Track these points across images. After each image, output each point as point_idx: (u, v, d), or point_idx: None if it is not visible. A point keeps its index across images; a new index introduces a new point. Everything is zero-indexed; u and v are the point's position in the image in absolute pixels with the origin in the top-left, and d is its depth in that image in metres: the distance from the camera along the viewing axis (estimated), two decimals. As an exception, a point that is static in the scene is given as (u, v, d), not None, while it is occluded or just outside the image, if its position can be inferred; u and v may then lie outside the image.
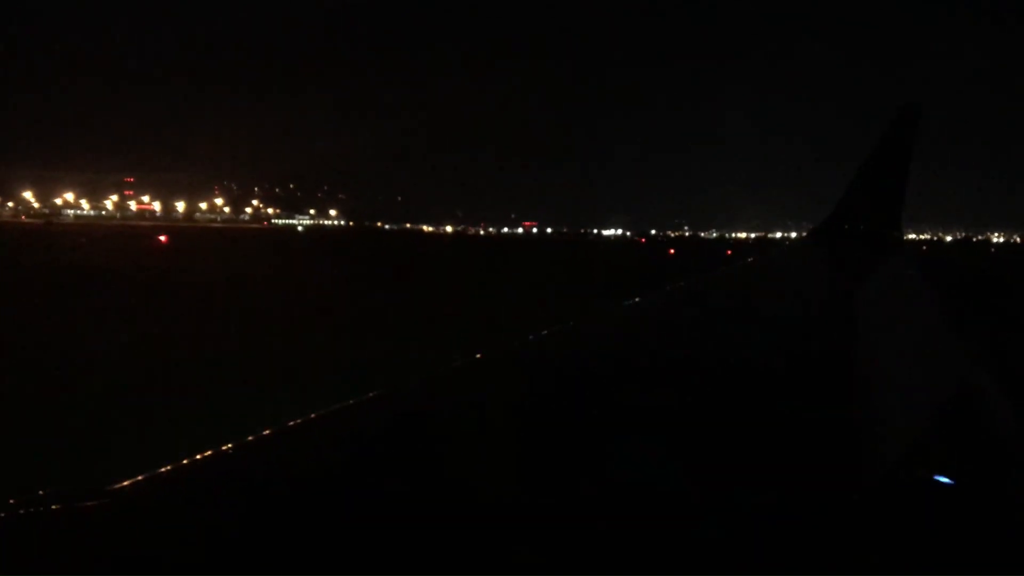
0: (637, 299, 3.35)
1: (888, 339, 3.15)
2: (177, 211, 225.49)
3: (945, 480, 1.50)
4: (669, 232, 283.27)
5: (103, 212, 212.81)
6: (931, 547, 1.21)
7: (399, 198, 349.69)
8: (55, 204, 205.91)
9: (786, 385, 2.12)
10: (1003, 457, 1.84)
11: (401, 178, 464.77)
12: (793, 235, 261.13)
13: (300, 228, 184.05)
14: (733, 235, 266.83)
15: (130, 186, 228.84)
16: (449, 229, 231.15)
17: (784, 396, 1.99)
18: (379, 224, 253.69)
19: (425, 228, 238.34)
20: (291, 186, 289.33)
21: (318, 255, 53.46)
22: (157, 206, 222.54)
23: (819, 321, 3.28)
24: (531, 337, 2.48)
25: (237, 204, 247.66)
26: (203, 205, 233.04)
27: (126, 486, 1.19)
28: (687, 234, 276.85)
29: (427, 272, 37.67)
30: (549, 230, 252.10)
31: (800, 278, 5.08)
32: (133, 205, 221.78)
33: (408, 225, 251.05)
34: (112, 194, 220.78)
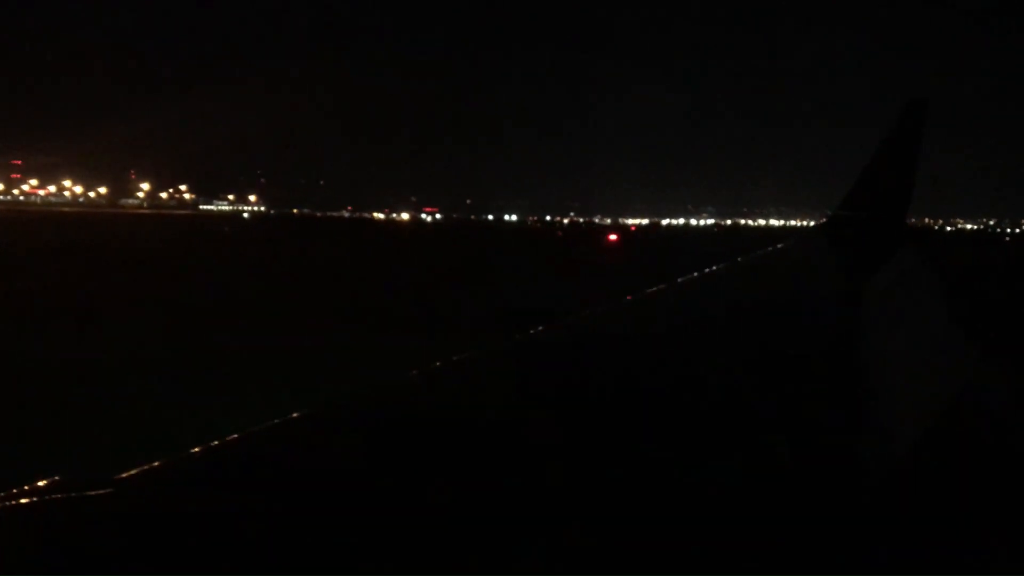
0: (644, 292, 3.41)
1: (895, 335, 3.20)
2: (85, 196, 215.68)
3: (949, 474, 1.50)
4: (561, 218, 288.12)
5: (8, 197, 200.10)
6: (932, 544, 1.20)
7: (321, 182, 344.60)
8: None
9: (794, 380, 2.09)
10: (1009, 452, 1.81)
11: (310, 163, 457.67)
12: (680, 221, 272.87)
13: (246, 215, 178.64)
14: (623, 221, 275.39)
15: (17, 169, 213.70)
16: (406, 216, 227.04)
17: (792, 390, 1.97)
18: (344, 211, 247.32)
19: (376, 216, 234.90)
20: (220, 171, 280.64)
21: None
22: (58, 190, 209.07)
23: (826, 317, 3.31)
24: (540, 329, 2.53)
25: (155, 189, 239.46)
26: (103, 189, 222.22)
27: (132, 475, 1.20)
28: (580, 220, 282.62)
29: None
30: (439, 216, 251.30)
31: (807, 274, 5.16)
32: (29, 190, 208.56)
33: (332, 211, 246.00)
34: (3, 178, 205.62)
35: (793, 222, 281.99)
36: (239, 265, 32.57)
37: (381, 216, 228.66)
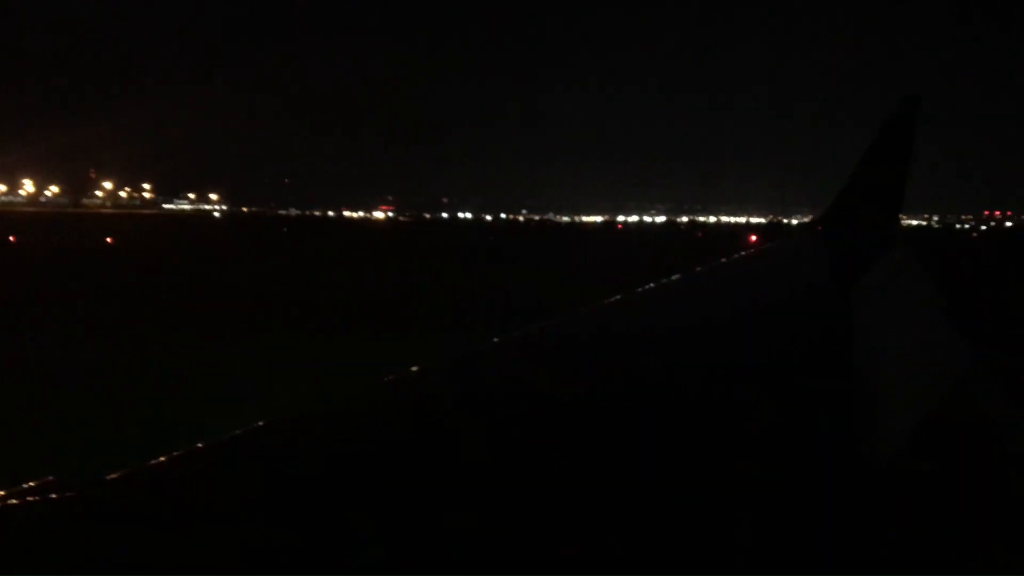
0: (633, 291, 3.41)
1: (887, 332, 3.20)
2: (42, 195, 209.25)
3: (943, 473, 1.50)
4: (515, 216, 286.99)
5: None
6: (928, 540, 1.20)
7: (286, 180, 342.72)
8: None
9: (786, 378, 2.11)
10: (1000, 450, 1.81)
11: (269, 161, 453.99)
12: (635, 218, 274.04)
13: (216, 214, 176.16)
14: (581, 219, 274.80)
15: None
16: (379, 215, 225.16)
17: (784, 389, 1.99)
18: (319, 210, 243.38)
19: (351, 214, 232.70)
20: (180, 170, 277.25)
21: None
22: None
23: (818, 314, 3.30)
24: (534, 327, 2.54)
25: (116, 188, 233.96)
26: (55, 188, 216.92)
27: (125, 475, 1.21)
28: (536, 218, 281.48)
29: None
30: (390, 214, 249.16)
31: (799, 271, 5.19)
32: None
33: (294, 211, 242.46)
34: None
35: (741, 219, 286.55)
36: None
37: (355, 215, 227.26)
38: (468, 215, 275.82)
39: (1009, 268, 38.89)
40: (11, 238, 49.67)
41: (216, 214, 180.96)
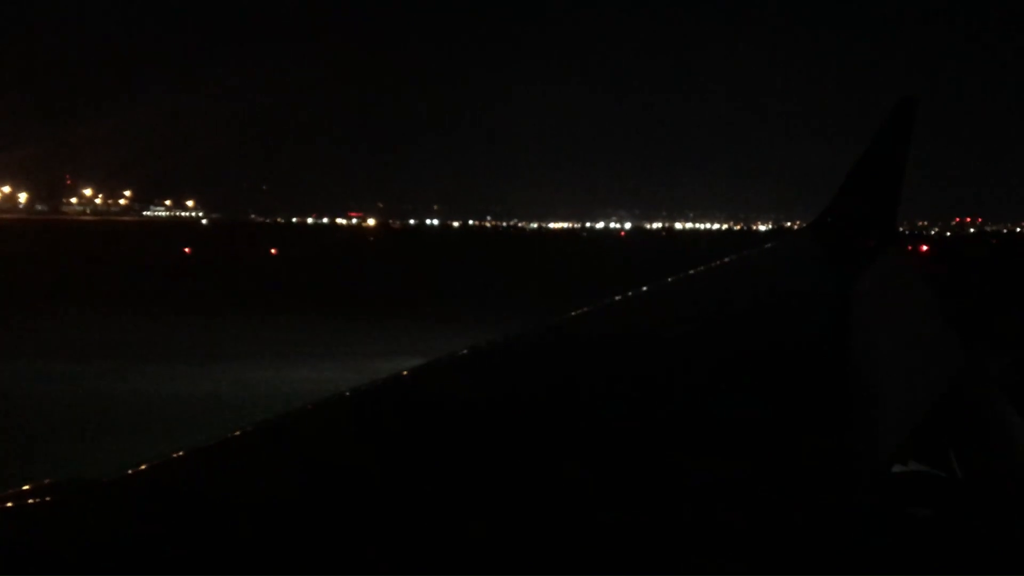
0: (627, 294, 3.42)
1: (884, 333, 3.18)
2: (14, 201, 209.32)
3: (941, 474, 1.48)
4: (481, 222, 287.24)
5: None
6: (926, 542, 1.20)
7: (264, 187, 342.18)
8: None
9: (782, 380, 2.10)
10: (998, 451, 1.82)
11: (245, 169, 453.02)
12: (600, 225, 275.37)
13: (205, 221, 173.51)
14: (549, 224, 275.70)
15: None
16: (372, 222, 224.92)
17: (780, 391, 1.97)
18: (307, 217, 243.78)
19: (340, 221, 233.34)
20: (158, 176, 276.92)
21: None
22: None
23: (815, 316, 3.29)
24: (519, 333, 2.55)
25: (94, 194, 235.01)
26: (23, 195, 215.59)
27: (125, 476, 1.21)
28: (504, 224, 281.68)
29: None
30: (372, 221, 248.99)
31: (796, 272, 5.15)
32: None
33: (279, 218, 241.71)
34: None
35: (705, 225, 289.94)
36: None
37: (345, 222, 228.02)
38: (435, 221, 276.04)
39: (1004, 269, 39.68)
40: (186, 250, 50.31)
41: (204, 221, 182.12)
